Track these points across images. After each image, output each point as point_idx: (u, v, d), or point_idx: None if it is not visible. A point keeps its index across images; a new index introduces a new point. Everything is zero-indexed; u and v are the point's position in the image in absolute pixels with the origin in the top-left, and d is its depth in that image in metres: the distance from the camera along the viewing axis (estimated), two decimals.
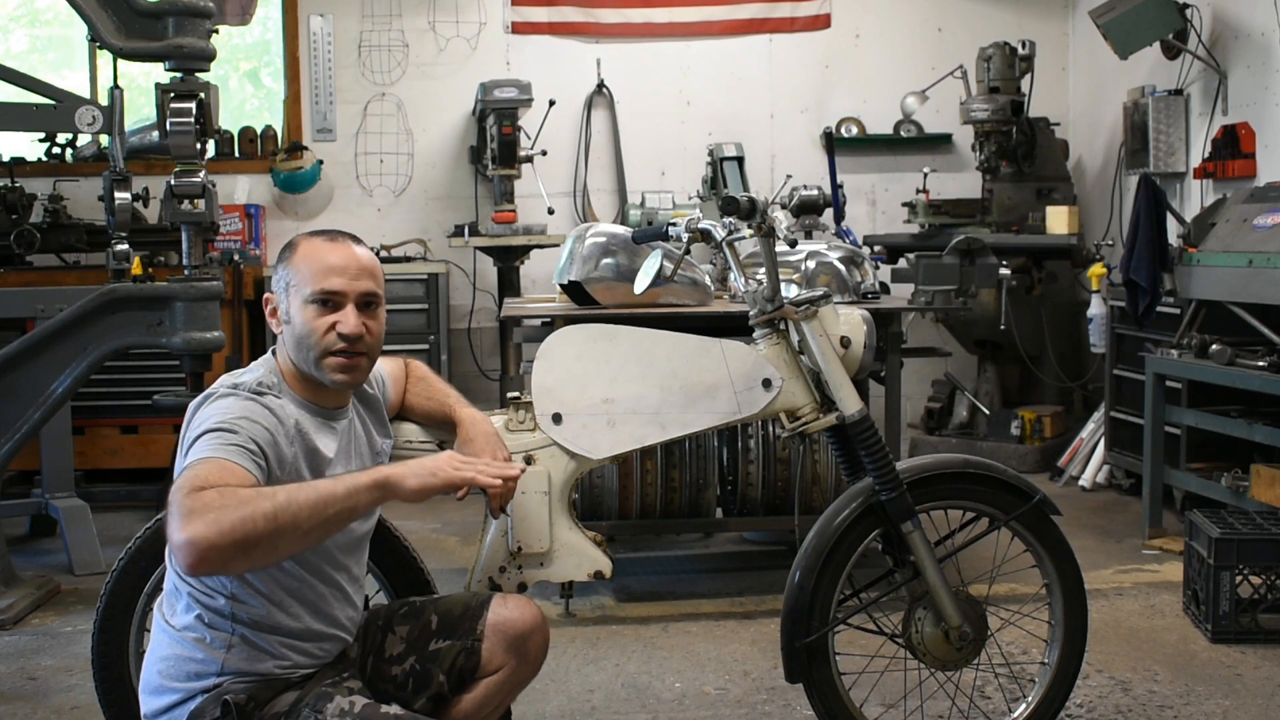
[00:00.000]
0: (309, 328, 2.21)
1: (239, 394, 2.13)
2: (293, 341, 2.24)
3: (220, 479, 1.94)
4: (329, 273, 2.22)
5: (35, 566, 4.77)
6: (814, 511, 4.06)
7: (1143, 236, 4.99)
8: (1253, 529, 3.86)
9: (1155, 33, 5.71)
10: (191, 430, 2.09)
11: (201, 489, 1.91)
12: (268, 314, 2.30)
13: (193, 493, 1.90)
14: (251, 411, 2.10)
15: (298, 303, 2.22)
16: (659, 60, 6.99)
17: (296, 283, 2.23)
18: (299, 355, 2.23)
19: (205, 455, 1.99)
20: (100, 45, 4.18)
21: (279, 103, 6.92)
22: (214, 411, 2.09)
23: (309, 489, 2.00)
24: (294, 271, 2.24)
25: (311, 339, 2.21)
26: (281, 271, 2.27)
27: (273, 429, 2.11)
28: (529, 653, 2.41)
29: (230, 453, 2.00)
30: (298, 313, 2.22)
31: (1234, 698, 3.39)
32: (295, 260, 2.25)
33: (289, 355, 2.26)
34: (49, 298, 4.72)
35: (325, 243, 2.26)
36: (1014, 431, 6.30)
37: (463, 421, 2.53)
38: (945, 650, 2.74)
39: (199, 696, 2.14)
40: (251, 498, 1.92)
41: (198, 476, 1.94)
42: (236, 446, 2.02)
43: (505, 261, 6.38)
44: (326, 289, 2.21)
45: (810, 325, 2.71)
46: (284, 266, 2.27)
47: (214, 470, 1.96)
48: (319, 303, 2.21)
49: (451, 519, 5.43)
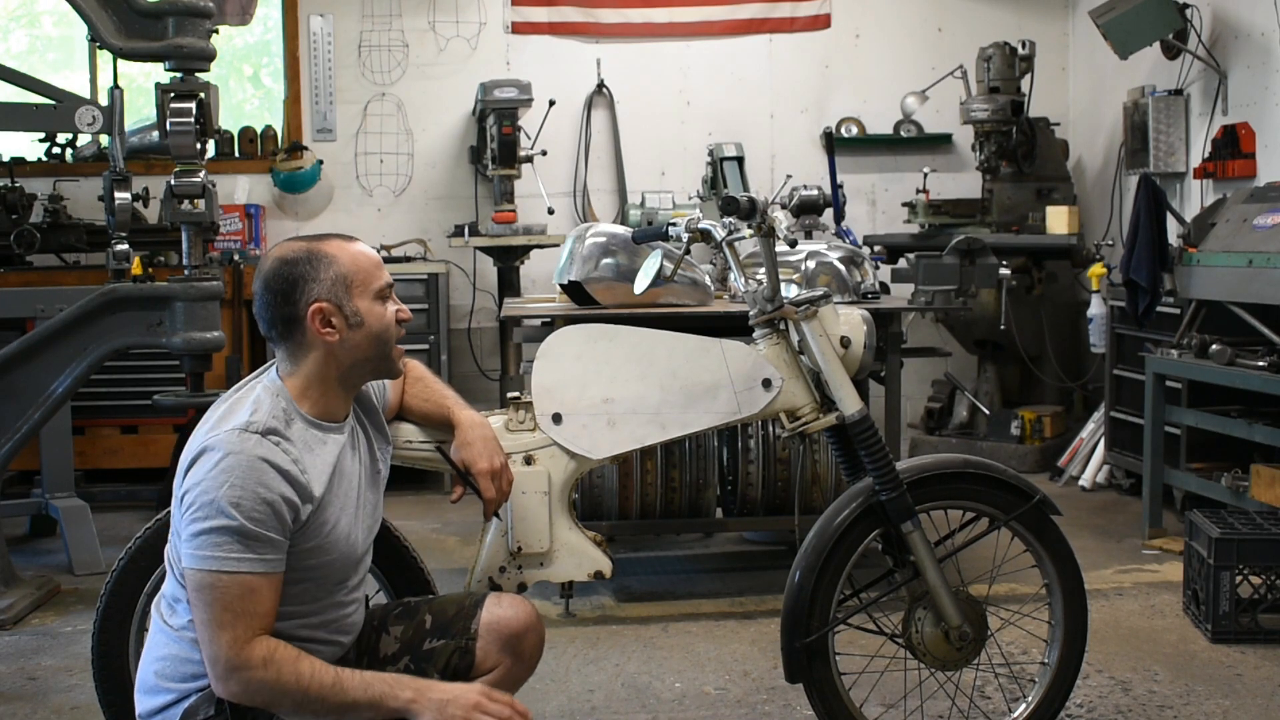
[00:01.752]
0: (385, 321, 2.23)
1: (246, 453, 2.06)
2: (368, 342, 2.21)
3: (244, 607, 2.04)
4: (378, 266, 2.25)
5: (35, 566, 4.77)
6: (814, 511, 4.06)
7: (1143, 236, 4.99)
8: (1253, 529, 3.86)
9: (1155, 33, 5.71)
10: (200, 494, 2.03)
11: (249, 649, 2.04)
12: (317, 326, 2.17)
13: (238, 648, 2.03)
14: (262, 481, 2.06)
15: (368, 300, 2.21)
16: (659, 60, 6.99)
17: (360, 283, 2.20)
18: (375, 352, 2.23)
19: (228, 570, 2.03)
20: (100, 45, 4.18)
21: (279, 103, 6.92)
22: (224, 486, 2.03)
23: (340, 695, 2.09)
24: (349, 271, 2.20)
25: (389, 331, 2.24)
26: (327, 279, 2.17)
27: (282, 497, 2.08)
28: (524, 652, 2.41)
29: (252, 565, 2.05)
30: (373, 309, 2.22)
31: (1234, 698, 3.39)
32: (343, 264, 2.19)
33: (337, 363, 2.20)
34: (49, 298, 4.72)
35: (346, 243, 2.25)
36: (1014, 431, 6.30)
37: (461, 424, 2.52)
38: (945, 650, 2.74)
39: (194, 696, 2.13)
40: (291, 689, 2.06)
41: (224, 604, 2.03)
42: (254, 558, 2.05)
43: (505, 261, 6.38)
44: (388, 281, 2.26)
45: (810, 325, 2.71)
46: (329, 272, 2.18)
47: (236, 596, 2.04)
48: (384, 297, 2.24)
49: (451, 519, 5.43)
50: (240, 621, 2.04)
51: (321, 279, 2.18)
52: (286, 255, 2.20)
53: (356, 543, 2.28)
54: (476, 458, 2.47)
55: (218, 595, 2.03)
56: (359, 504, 2.29)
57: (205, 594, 2.04)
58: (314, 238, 2.25)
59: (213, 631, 2.05)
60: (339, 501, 2.22)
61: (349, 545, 2.25)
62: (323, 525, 2.17)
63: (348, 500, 2.25)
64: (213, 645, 2.05)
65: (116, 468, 5.93)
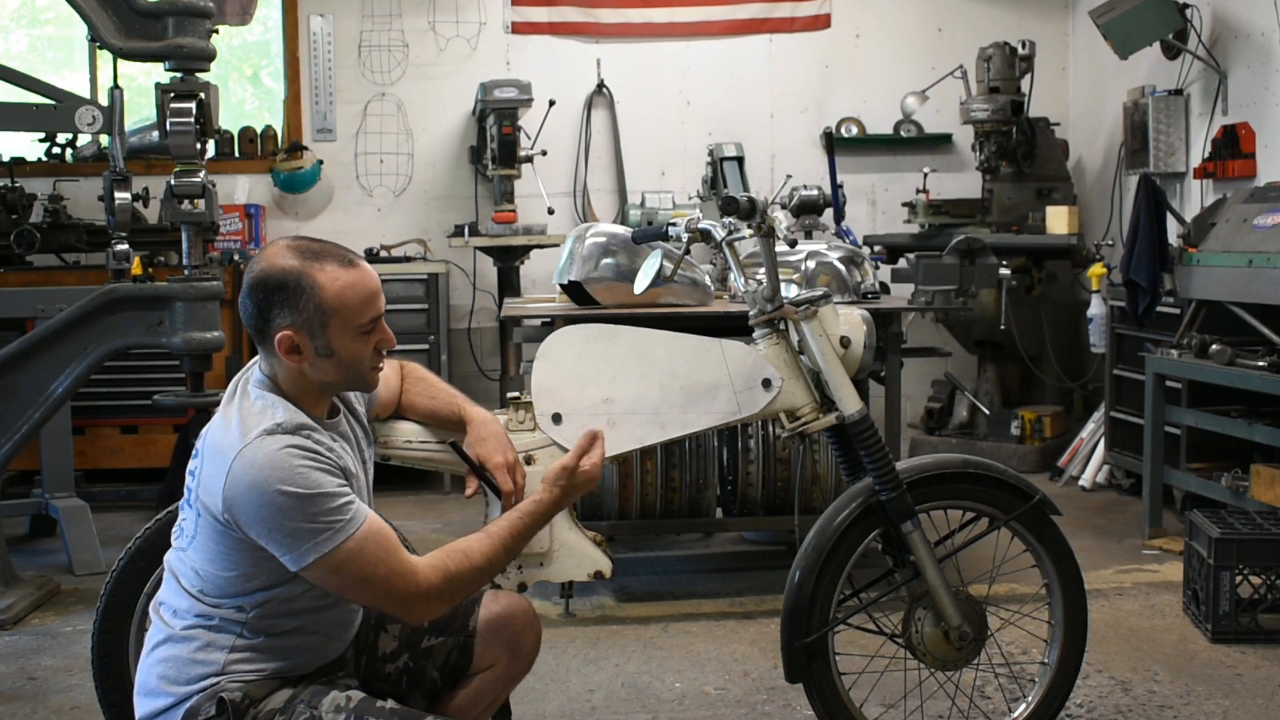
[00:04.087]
0: (357, 355, 2.17)
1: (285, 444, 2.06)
2: (335, 370, 2.17)
3: (386, 552, 2.10)
4: (374, 298, 2.17)
5: (35, 566, 4.77)
6: (814, 511, 4.06)
7: (1143, 236, 4.99)
8: (1253, 529, 3.86)
9: (1155, 33, 5.71)
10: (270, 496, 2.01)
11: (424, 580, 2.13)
12: (283, 353, 2.12)
13: (415, 583, 2.12)
14: (311, 455, 2.08)
15: (345, 338, 2.15)
16: (659, 60, 6.99)
17: (340, 320, 2.13)
18: (342, 378, 2.19)
19: (347, 536, 2.06)
20: (100, 45, 4.18)
21: (279, 103, 6.92)
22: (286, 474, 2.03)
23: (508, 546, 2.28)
24: (330, 309, 2.12)
25: (362, 364, 2.19)
26: (305, 309, 2.11)
27: (336, 467, 2.11)
28: (521, 648, 2.42)
29: (356, 518, 2.08)
30: (347, 345, 2.15)
31: (1234, 698, 3.39)
32: (327, 297, 2.11)
33: (307, 380, 2.17)
34: (49, 298, 4.72)
35: (343, 269, 2.13)
36: (1014, 431, 6.30)
37: (474, 420, 2.53)
38: (945, 650, 2.74)
39: (195, 698, 2.13)
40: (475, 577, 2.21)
41: (373, 563, 2.09)
42: (353, 512, 2.08)
43: (505, 261, 6.38)
44: (376, 315, 2.18)
45: (810, 325, 2.71)
46: (308, 303, 2.10)
47: (374, 547, 2.09)
48: (366, 331, 2.17)
49: (452, 519, 5.43)
50: (394, 562, 2.10)
51: (300, 309, 2.11)
52: (276, 270, 2.12)
53: None
54: (492, 452, 2.48)
55: (360, 561, 2.06)
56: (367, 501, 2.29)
57: (349, 568, 2.06)
58: (314, 253, 2.14)
59: (385, 588, 2.09)
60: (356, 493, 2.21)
61: None
62: None
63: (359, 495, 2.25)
64: (392, 596, 2.11)
65: (116, 468, 5.93)
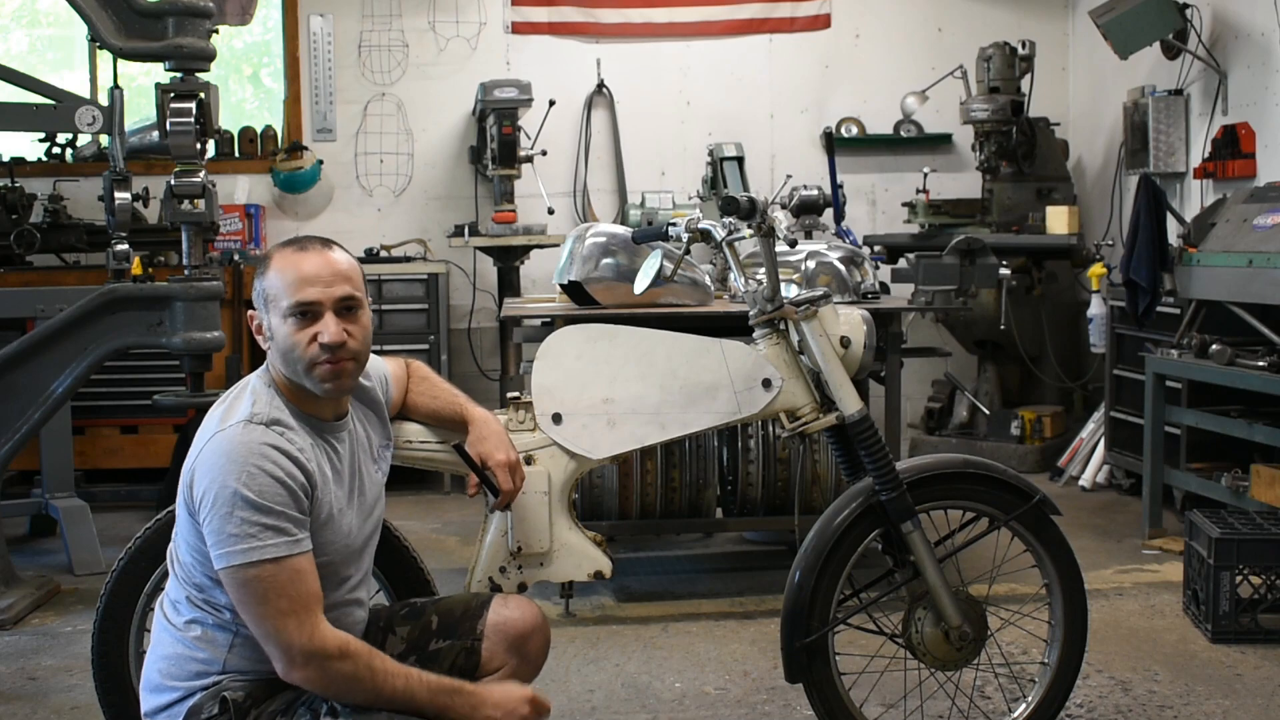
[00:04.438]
0: (291, 342, 2.16)
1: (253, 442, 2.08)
2: (278, 356, 2.20)
3: (299, 591, 2.05)
4: (303, 283, 2.16)
5: (35, 566, 4.77)
6: (814, 511, 4.06)
7: (1143, 236, 4.99)
8: (1253, 529, 3.86)
9: (1155, 33, 5.71)
10: (218, 489, 2.04)
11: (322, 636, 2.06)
12: (253, 330, 2.25)
13: (309, 634, 2.05)
14: (274, 463, 2.07)
15: (277, 318, 2.18)
16: (659, 60, 6.99)
17: (274, 297, 2.18)
18: (287, 369, 2.20)
19: (269, 558, 2.04)
20: (100, 45, 4.18)
21: (279, 103, 6.92)
22: (239, 475, 2.04)
23: (408, 700, 2.12)
24: (270, 286, 2.19)
25: (295, 353, 2.17)
26: (259, 286, 2.21)
27: (294, 479, 2.10)
28: (529, 653, 2.42)
29: (290, 547, 2.06)
30: (279, 327, 2.18)
31: (1234, 698, 3.39)
32: (269, 274, 2.20)
33: (279, 369, 2.22)
34: (49, 298, 4.72)
35: (295, 252, 2.20)
36: (1014, 431, 6.30)
37: (475, 421, 2.54)
38: (945, 650, 2.74)
39: (198, 694, 2.14)
40: (366, 684, 2.08)
41: (278, 592, 2.04)
42: (289, 540, 2.06)
43: (505, 261, 6.38)
44: (303, 300, 2.16)
45: (810, 325, 2.71)
46: (260, 281, 2.22)
47: (287, 581, 2.05)
48: (298, 315, 2.16)
49: (451, 519, 5.43)
50: (301, 606, 2.05)
51: (258, 286, 2.23)
52: (264, 255, 2.28)
53: (354, 542, 2.28)
54: (493, 450, 2.49)
55: (268, 586, 2.04)
56: (357, 503, 2.29)
57: (254, 587, 2.04)
58: (297, 241, 2.25)
59: (276, 622, 2.05)
60: (338, 500, 2.22)
61: (347, 544, 2.25)
62: (323, 520, 2.17)
63: (346, 499, 2.25)
64: (281, 635, 2.05)
65: (116, 468, 5.93)
